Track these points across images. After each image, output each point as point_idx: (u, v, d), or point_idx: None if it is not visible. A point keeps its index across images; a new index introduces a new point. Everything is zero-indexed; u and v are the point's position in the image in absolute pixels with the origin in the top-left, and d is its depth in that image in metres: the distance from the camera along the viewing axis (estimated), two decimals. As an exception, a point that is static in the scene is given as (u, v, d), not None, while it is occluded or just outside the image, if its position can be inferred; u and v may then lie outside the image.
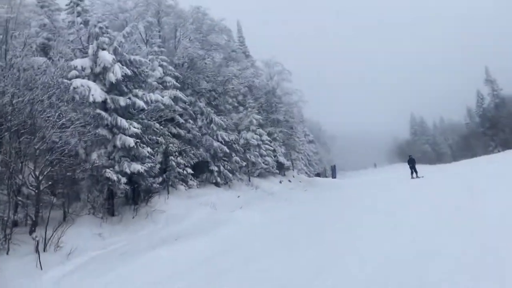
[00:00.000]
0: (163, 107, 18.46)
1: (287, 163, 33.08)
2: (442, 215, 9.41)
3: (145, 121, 16.18)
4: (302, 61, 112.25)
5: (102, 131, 13.88)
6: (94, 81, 14.11)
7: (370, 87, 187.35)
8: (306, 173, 46.28)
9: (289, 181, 30.83)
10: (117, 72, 14.20)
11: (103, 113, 13.94)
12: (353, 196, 20.52)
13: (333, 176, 52.49)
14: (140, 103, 15.15)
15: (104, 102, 14.12)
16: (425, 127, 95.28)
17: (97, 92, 13.46)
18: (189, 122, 21.22)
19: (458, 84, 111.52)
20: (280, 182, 28.83)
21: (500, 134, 58.44)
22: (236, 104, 28.19)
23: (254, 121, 27.32)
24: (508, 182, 13.26)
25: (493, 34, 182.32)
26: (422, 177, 24.09)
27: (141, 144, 14.68)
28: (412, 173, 25.45)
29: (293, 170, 36.43)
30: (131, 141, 13.88)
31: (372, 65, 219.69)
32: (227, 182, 22.53)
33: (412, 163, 25.81)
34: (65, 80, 13.35)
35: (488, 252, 5.78)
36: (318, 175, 52.33)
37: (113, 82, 14.21)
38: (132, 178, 14.54)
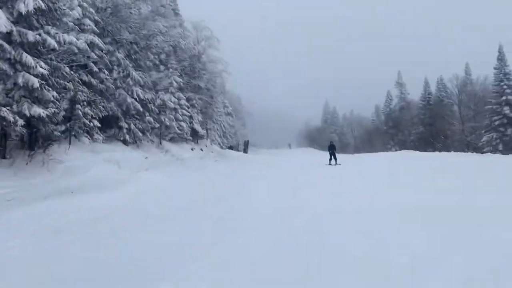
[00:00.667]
0: (77, 51, 17.13)
1: (202, 131, 32.92)
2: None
3: (54, 62, 14.89)
4: (231, 33, 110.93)
5: (3, 65, 12.51)
6: (1, 8, 12.56)
7: (291, 72, 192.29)
8: (219, 144, 46.51)
9: (201, 149, 30.78)
10: (28, 3, 12.79)
11: (6, 45, 12.52)
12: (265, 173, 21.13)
13: (245, 151, 53.49)
14: (51, 42, 13.89)
15: (9, 34, 12.67)
16: (336, 117, 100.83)
17: (1, 21, 12.02)
18: (104, 72, 19.97)
19: (373, 82, 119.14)
20: (192, 149, 28.66)
21: (399, 134, 63.94)
22: (157, 63, 27.11)
23: (175, 84, 26.61)
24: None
25: (412, 41, 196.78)
26: (340, 164, 23.74)
27: (47, 87, 13.53)
28: (330, 159, 24.71)
29: (207, 139, 36.37)
30: (35, 81, 12.71)
31: (294, 52, 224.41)
32: (136, 142, 21.81)
33: (332, 149, 25.15)
34: (-36, 0, 11.72)
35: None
36: (231, 148, 52.88)
37: (23, 13, 12.79)
38: (32, 122, 13.41)
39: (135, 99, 21.13)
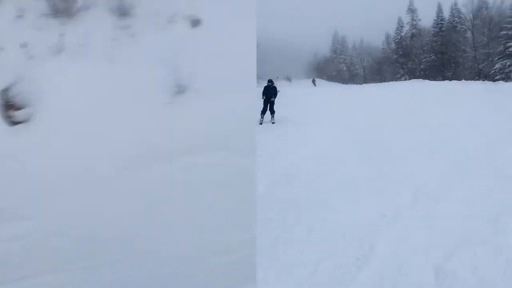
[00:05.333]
0: None
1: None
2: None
3: None
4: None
5: None
6: None
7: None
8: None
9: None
10: None
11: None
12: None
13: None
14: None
15: None
16: (345, 47, 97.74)
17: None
18: None
19: (383, 9, 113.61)
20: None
21: (409, 63, 62.09)
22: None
23: None
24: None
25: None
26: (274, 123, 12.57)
27: None
28: (263, 111, 12.63)
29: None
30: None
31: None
32: None
33: (268, 93, 12.84)
34: None
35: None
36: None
37: None
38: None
39: None
